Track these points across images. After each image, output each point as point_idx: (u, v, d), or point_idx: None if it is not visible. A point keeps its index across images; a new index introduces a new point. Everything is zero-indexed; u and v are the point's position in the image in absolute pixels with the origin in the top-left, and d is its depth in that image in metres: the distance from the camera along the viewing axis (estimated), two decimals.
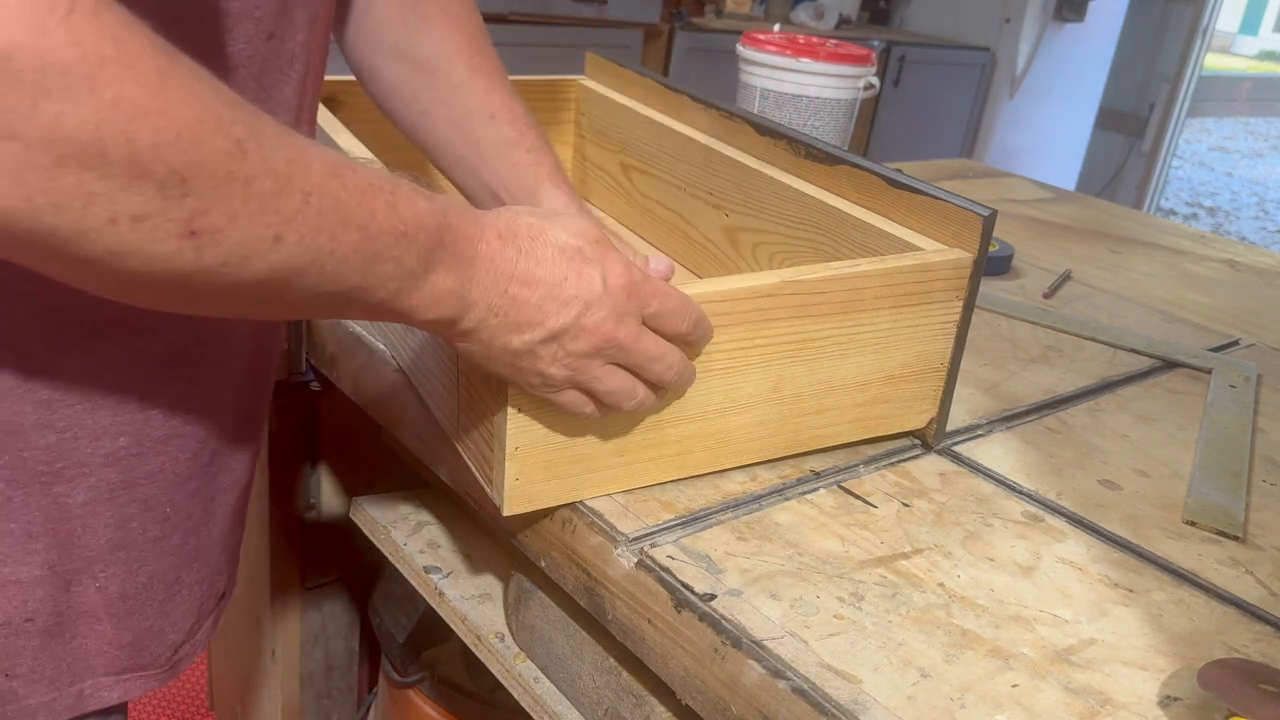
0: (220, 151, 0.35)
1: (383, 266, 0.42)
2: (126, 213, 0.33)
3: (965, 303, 0.67)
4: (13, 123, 0.30)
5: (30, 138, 0.31)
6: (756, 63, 1.15)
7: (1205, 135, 8.36)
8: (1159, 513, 0.68)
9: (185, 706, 1.57)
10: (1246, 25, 12.78)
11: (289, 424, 1.05)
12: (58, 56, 0.30)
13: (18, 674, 0.52)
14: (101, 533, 0.53)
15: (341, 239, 0.40)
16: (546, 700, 0.68)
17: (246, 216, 0.36)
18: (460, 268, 0.46)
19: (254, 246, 0.37)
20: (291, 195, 0.38)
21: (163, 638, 0.59)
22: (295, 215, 0.38)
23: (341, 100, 0.95)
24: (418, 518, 0.85)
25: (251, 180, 0.36)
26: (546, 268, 0.48)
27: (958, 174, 1.53)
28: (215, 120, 0.35)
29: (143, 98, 0.32)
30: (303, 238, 0.38)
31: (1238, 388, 0.87)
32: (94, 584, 0.53)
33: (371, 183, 0.42)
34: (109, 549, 0.53)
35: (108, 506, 0.52)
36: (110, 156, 0.32)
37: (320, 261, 0.40)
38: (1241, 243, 1.38)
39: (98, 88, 0.31)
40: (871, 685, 0.49)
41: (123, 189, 0.33)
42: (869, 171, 0.72)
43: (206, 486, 0.58)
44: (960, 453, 0.72)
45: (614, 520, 0.59)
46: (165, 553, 0.57)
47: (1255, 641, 0.56)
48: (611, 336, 0.50)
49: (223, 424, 0.58)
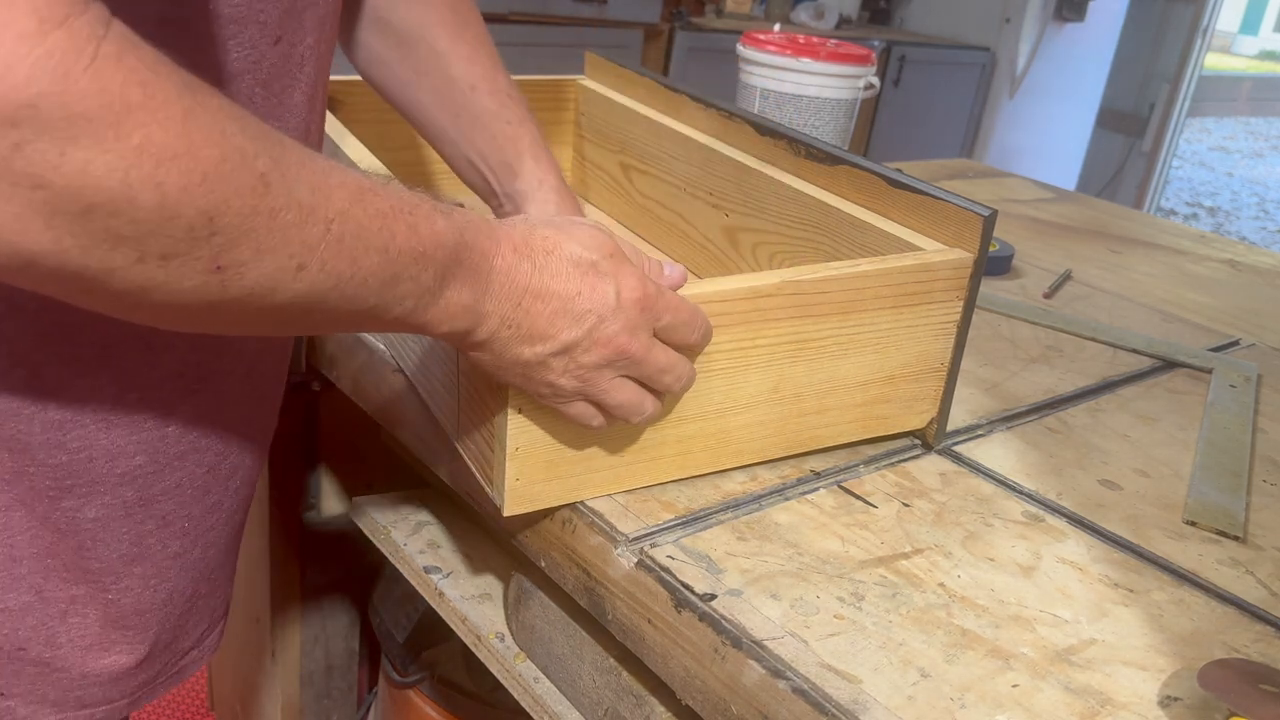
0: (245, 188, 0.35)
1: (401, 286, 0.42)
2: (155, 253, 0.33)
3: (965, 303, 0.67)
4: (42, 172, 0.30)
5: (59, 186, 0.30)
6: (756, 62, 1.15)
7: (1205, 135, 8.36)
8: (1159, 513, 0.68)
9: (185, 706, 1.57)
10: (1246, 25, 12.77)
11: (289, 424, 1.04)
12: (84, 105, 0.30)
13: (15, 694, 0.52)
14: (114, 547, 0.52)
15: (362, 263, 0.40)
16: (546, 700, 0.68)
17: (271, 249, 0.36)
18: (476, 282, 0.46)
19: (279, 278, 0.37)
20: (315, 225, 0.38)
21: (174, 648, 0.59)
22: (318, 244, 0.38)
23: (341, 100, 0.95)
24: (418, 518, 0.85)
25: (276, 213, 0.36)
26: (560, 281, 0.48)
27: (958, 174, 1.53)
28: (240, 157, 0.34)
29: (169, 141, 0.32)
30: (325, 264, 0.38)
31: (1238, 388, 0.87)
32: (104, 597, 0.53)
33: (392, 205, 0.41)
34: (123, 563, 0.53)
35: (123, 523, 0.52)
36: (139, 202, 0.32)
37: (341, 286, 0.40)
38: (1242, 243, 1.38)
39: (124, 134, 0.31)
40: (871, 685, 0.49)
41: (151, 233, 0.33)
42: (869, 171, 0.72)
43: (226, 499, 0.58)
44: (960, 453, 0.72)
45: (614, 520, 0.59)
46: (186, 567, 0.56)
47: (1255, 641, 0.56)
48: (624, 349, 0.50)
49: (240, 434, 0.57)
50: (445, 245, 0.44)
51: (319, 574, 1.14)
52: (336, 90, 0.94)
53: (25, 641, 0.51)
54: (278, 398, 0.63)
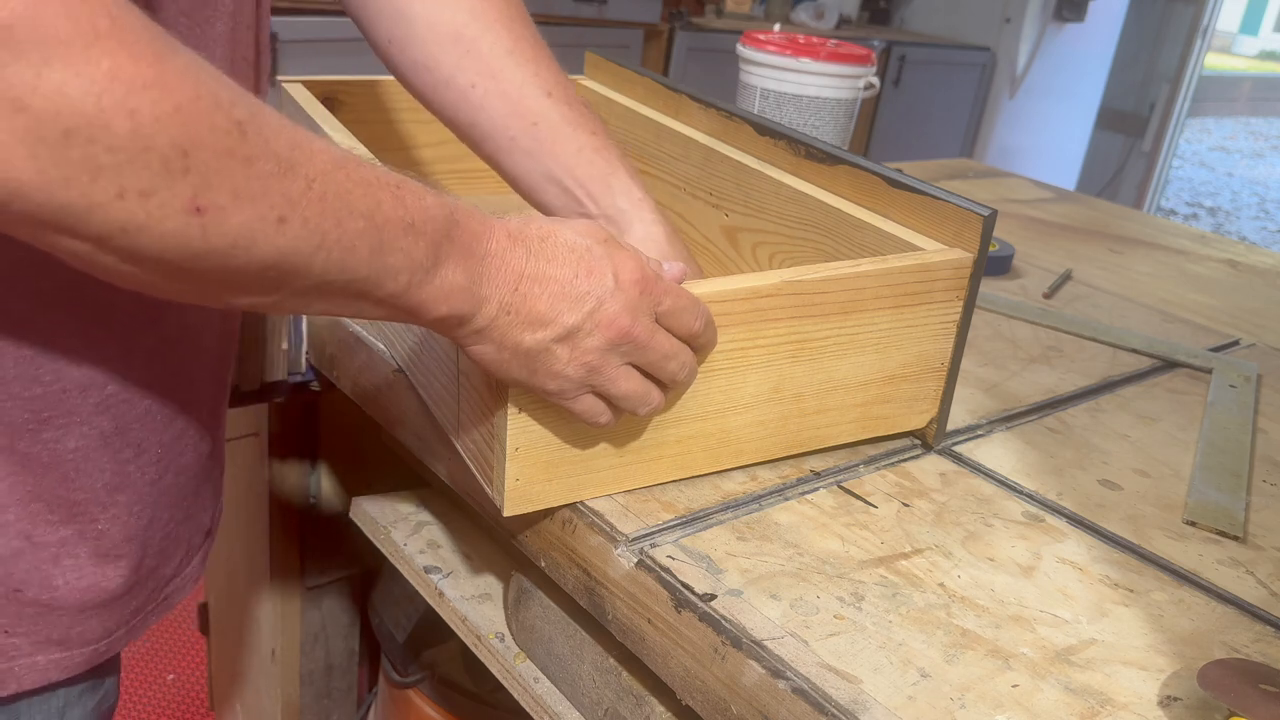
0: (219, 129, 0.36)
1: (391, 258, 0.43)
2: (134, 187, 0.35)
3: (965, 303, 0.67)
4: (21, 94, 0.32)
5: (37, 108, 0.32)
6: (756, 62, 1.15)
7: (1206, 135, 8.36)
8: (1159, 513, 0.68)
9: (185, 706, 1.58)
10: (1246, 25, 12.78)
11: (289, 424, 1.05)
12: (55, 28, 0.32)
13: (19, 632, 0.53)
14: (97, 477, 0.53)
15: (347, 225, 0.40)
16: (546, 700, 0.68)
17: (249, 197, 0.37)
18: (470, 264, 0.46)
19: (259, 228, 0.38)
20: (295, 179, 0.38)
21: (157, 574, 0.60)
22: (299, 199, 0.39)
23: (341, 100, 0.95)
24: (418, 518, 0.85)
25: (252, 160, 0.37)
26: (557, 265, 0.48)
27: (958, 174, 1.53)
28: (214, 100, 0.36)
29: (140, 71, 0.34)
30: (307, 221, 0.39)
31: (1238, 388, 0.87)
32: (94, 528, 0.53)
33: (377, 175, 0.42)
34: (107, 492, 0.53)
35: (102, 453, 0.52)
36: (114, 128, 0.33)
37: (326, 248, 0.40)
38: (1242, 243, 1.38)
39: (94, 59, 0.33)
40: (871, 685, 0.49)
41: (129, 161, 0.34)
42: (869, 171, 0.72)
43: (192, 428, 0.59)
44: (960, 453, 0.72)
45: (614, 520, 0.59)
46: (161, 493, 0.57)
47: (1255, 641, 0.56)
48: (627, 331, 0.50)
49: (200, 361, 0.58)
50: (434, 220, 0.44)
51: (319, 574, 1.14)
52: (336, 90, 0.94)
53: (21, 583, 0.52)
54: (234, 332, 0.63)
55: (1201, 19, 4.24)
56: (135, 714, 1.55)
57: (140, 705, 1.56)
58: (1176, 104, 4.34)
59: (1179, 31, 4.28)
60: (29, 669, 0.53)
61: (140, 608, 0.59)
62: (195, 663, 1.65)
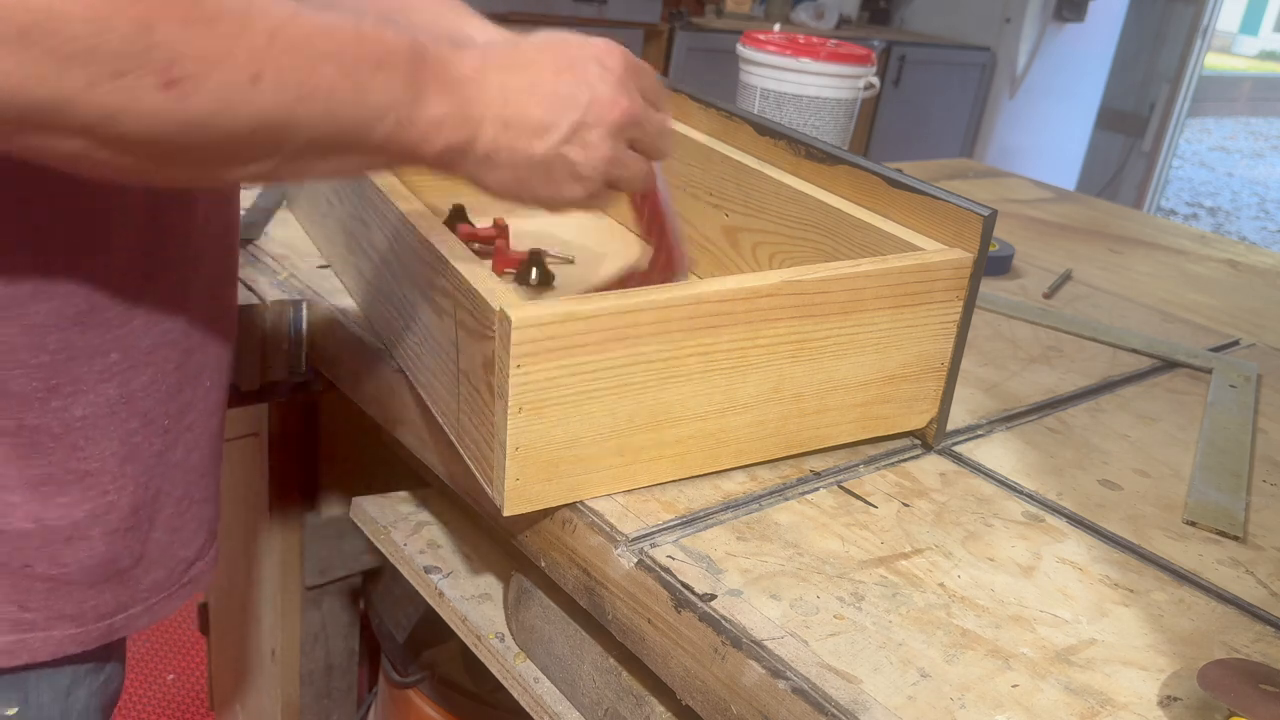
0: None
1: (371, 97, 0.43)
2: (103, 73, 0.35)
3: (965, 303, 0.67)
4: None
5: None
6: (756, 62, 1.15)
7: (1206, 135, 8.36)
8: (1159, 513, 0.68)
9: (185, 706, 1.58)
10: (1246, 25, 12.78)
11: (289, 424, 1.05)
12: None
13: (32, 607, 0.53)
14: (106, 445, 0.53)
15: (321, 71, 0.41)
16: (546, 700, 0.68)
17: (217, 59, 0.38)
18: (450, 90, 0.46)
19: (234, 90, 0.38)
20: (255, 34, 0.39)
21: (174, 554, 0.60)
22: (265, 53, 0.39)
23: None
24: (418, 518, 0.85)
25: (213, 22, 0.37)
26: (536, 69, 0.49)
27: (958, 174, 1.53)
28: None
29: None
30: (280, 72, 0.40)
31: (1238, 388, 0.87)
32: (104, 500, 0.54)
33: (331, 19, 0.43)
34: (116, 462, 0.54)
35: (109, 421, 0.53)
36: (70, 15, 0.34)
37: (306, 99, 0.41)
38: (1242, 243, 1.38)
39: None
40: (871, 685, 0.49)
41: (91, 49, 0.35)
42: (869, 171, 0.72)
43: (198, 399, 0.59)
44: (960, 453, 0.72)
45: (614, 520, 0.59)
46: (170, 467, 0.58)
47: (1255, 641, 0.56)
48: (628, 111, 0.51)
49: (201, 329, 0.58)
50: (399, 51, 0.44)
51: (319, 574, 1.14)
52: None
53: (31, 560, 0.52)
54: (232, 300, 0.64)
55: (1201, 19, 4.24)
56: (135, 714, 1.55)
57: (140, 705, 1.56)
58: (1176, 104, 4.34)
59: (1179, 31, 4.28)
60: (43, 642, 0.54)
61: (160, 585, 0.59)
62: (195, 663, 1.65)
